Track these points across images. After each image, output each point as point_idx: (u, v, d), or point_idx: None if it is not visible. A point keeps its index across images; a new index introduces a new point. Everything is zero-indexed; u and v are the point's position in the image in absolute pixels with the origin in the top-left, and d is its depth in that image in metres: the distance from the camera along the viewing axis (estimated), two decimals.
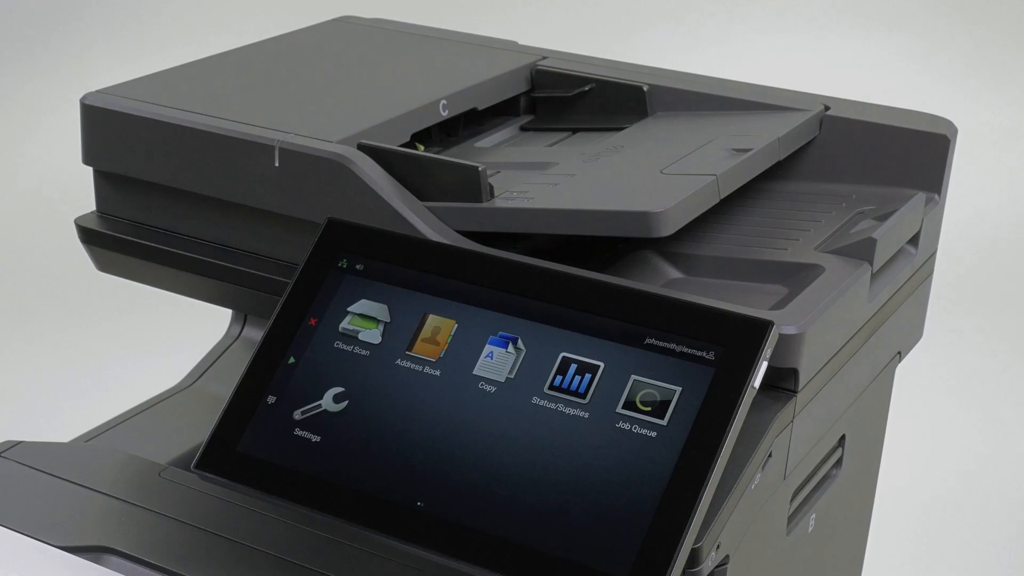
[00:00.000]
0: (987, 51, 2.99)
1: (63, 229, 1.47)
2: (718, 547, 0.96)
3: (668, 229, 1.03)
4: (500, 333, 1.01)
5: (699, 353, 0.96)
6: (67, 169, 2.06)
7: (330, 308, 1.06)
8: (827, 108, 1.30)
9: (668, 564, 0.89)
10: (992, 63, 2.98)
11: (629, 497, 0.92)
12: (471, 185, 1.09)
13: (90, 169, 1.25)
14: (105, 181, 1.25)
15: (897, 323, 1.24)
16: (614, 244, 1.17)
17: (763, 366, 0.95)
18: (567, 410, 0.96)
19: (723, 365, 0.95)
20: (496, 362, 1.00)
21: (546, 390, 0.98)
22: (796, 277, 1.10)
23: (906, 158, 1.27)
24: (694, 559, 0.93)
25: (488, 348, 1.00)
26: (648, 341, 0.97)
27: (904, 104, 1.34)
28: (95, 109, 1.22)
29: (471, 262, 1.05)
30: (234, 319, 1.43)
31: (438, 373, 1.00)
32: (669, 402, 0.95)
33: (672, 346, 0.97)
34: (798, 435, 1.06)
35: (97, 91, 1.24)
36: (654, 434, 0.94)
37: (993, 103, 2.90)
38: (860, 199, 1.26)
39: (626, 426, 0.95)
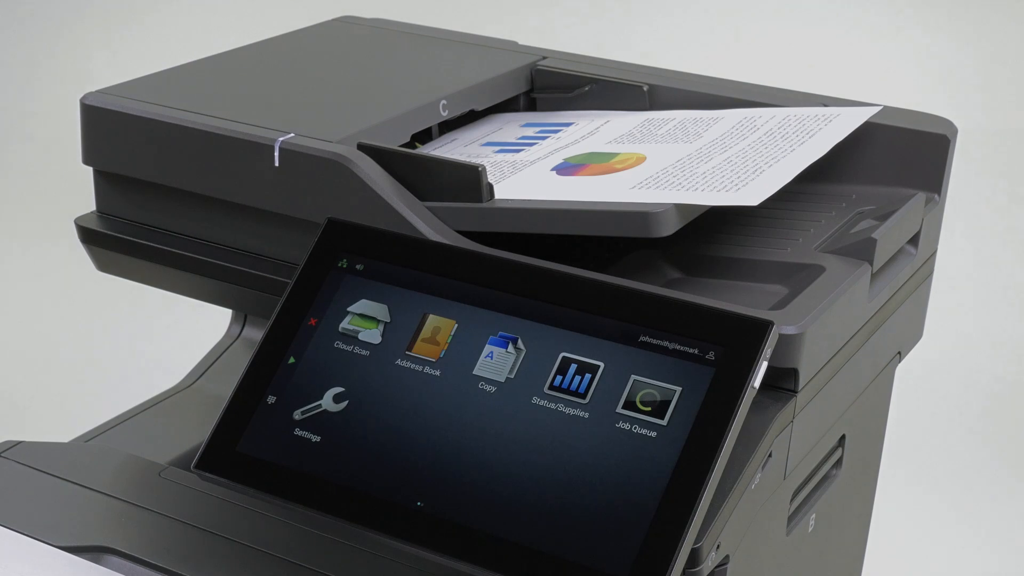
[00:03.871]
0: (987, 51, 2.99)
1: (63, 229, 1.47)
2: (718, 547, 0.96)
3: (668, 229, 1.03)
4: (500, 333, 1.01)
5: (699, 353, 0.96)
6: (67, 169, 2.06)
7: (330, 308, 1.05)
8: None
9: (668, 564, 0.89)
10: (993, 63, 2.98)
11: (629, 497, 0.92)
12: (471, 185, 1.09)
13: (90, 169, 1.25)
14: (105, 181, 1.25)
15: (897, 323, 1.24)
16: (614, 244, 1.17)
17: (763, 366, 0.95)
18: (567, 410, 0.96)
19: (723, 365, 0.95)
20: (496, 362, 1.00)
21: (546, 390, 0.98)
22: (796, 277, 1.10)
23: (906, 158, 1.27)
24: (694, 559, 0.93)
25: (488, 348, 1.00)
26: (648, 341, 0.97)
27: (904, 104, 1.34)
28: (95, 109, 1.22)
29: (471, 262, 1.05)
30: (234, 319, 1.43)
31: (438, 373, 1.00)
32: (669, 402, 0.94)
33: (672, 346, 0.97)
34: (798, 435, 1.06)
35: (97, 91, 1.24)
36: (654, 434, 0.94)
37: (993, 103, 2.90)
38: (860, 199, 1.26)
39: (626, 426, 0.95)
